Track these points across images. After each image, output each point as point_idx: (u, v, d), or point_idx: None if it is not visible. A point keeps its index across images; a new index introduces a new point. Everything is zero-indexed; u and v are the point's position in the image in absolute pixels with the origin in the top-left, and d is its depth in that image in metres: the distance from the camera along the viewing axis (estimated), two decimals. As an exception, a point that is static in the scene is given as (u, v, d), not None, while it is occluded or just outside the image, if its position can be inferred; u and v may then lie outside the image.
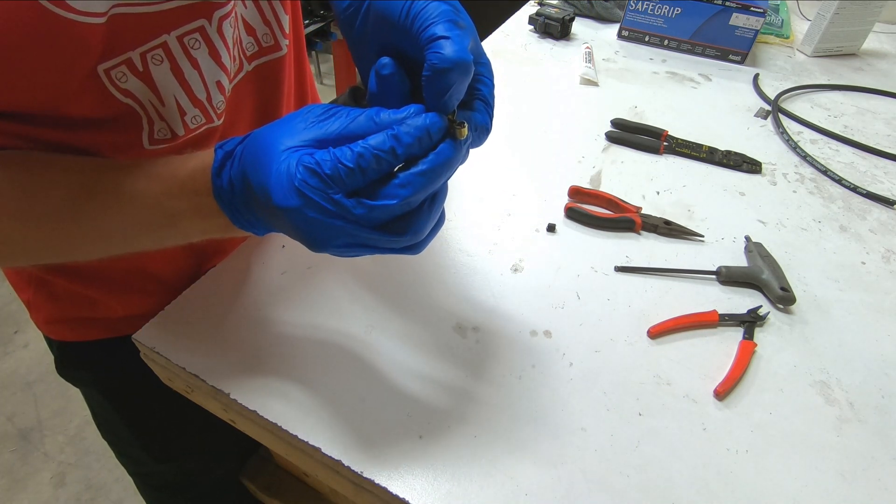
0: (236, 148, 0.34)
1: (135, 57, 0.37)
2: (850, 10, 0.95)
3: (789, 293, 0.52)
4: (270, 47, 0.48)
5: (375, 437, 0.41)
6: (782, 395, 0.46)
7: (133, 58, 0.37)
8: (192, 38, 0.39)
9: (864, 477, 0.41)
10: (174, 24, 0.38)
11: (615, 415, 0.43)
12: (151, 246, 0.38)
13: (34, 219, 0.36)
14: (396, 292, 0.52)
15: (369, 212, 0.29)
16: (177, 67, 0.40)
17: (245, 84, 0.48)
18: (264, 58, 0.48)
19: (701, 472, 0.40)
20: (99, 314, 0.53)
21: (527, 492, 0.39)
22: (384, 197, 0.29)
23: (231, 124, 0.48)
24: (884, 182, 0.71)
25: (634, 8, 0.97)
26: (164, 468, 0.65)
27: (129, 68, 0.37)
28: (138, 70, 0.38)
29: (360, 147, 0.28)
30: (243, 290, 0.51)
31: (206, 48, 0.40)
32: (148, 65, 0.38)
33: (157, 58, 0.38)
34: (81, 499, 1.31)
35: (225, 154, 0.34)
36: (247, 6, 0.45)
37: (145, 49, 0.37)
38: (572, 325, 0.50)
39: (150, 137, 0.41)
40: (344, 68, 2.13)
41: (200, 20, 0.39)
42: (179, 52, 0.39)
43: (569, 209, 0.61)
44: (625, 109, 0.80)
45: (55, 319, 0.55)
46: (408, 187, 0.29)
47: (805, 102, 0.87)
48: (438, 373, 0.45)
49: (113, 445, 0.66)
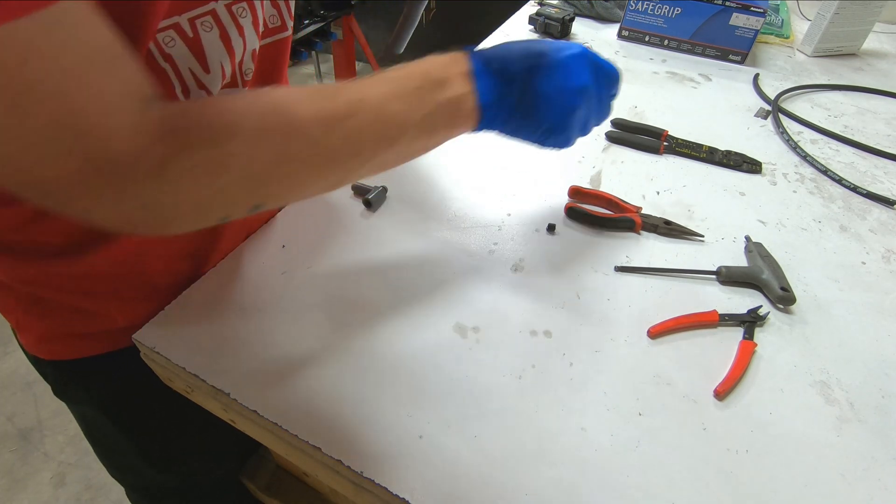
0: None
1: (183, 22, 0.37)
2: (850, 10, 0.95)
3: (789, 293, 0.52)
4: (277, 28, 0.49)
5: (375, 437, 0.41)
6: (782, 395, 0.46)
7: (181, 23, 0.37)
8: (240, 7, 0.40)
9: (864, 477, 0.41)
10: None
11: (615, 415, 0.43)
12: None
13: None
14: (396, 292, 0.52)
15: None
16: (225, 34, 0.40)
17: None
18: (271, 38, 0.49)
19: (701, 472, 0.40)
20: (97, 327, 0.52)
21: (527, 492, 0.39)
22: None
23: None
24: (884, 182, 0.71)
25: (634, 8, 0.97)
26: (163, 477, 0.64)
27: (178, 33, 0.37)
28: (188, 35, 0.38)
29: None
30: (243, 290, 0.51)
31: (250, 16, 0.41)
32: (198, 31, 0.38)
33: (206, 24, 0.38)
34: (81, 499, 1.31)
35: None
36: None
37: (194, 15, 0.37)
38: (572, 325, 0.50)
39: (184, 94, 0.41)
40: (344, 68, 2.13)
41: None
42: (228, 19, 0.39)
43: (569, 209, 0.61)
44: (625, 109, 0.80)
45: (49, 338, 0.52)
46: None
47: (805, 102, 0.87)
48: (438, 373, 0.45)
49: (108, 459, 0.64)
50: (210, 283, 0.52)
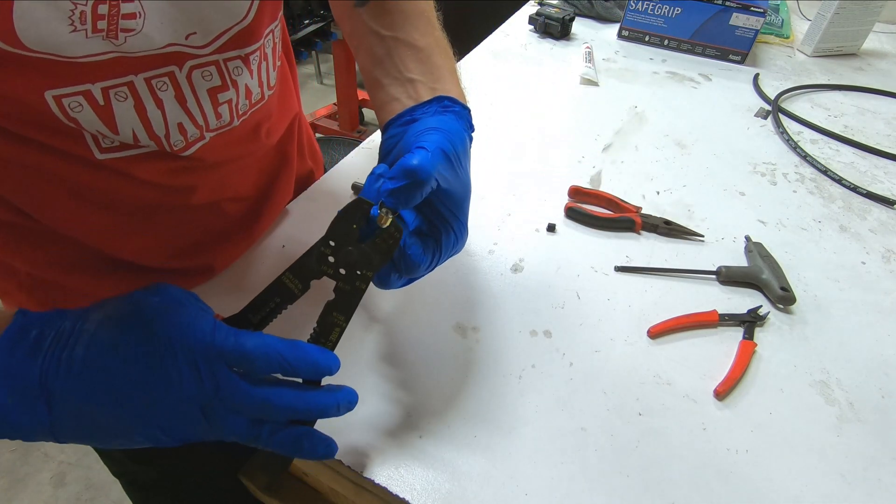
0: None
1: (95, 90, 0.35)
2: (850, 9, 0.95)
3: (789, 293, 0.52)
4: (258, 101, 0.48)
5: (375, 437, 0.41)
6: (782, 395, 0.46)
7: (93, 90, 0.35)
8: (161, 81, 0.38)
9: (864, 477, 0.41)
10: (143, 68, 0.37)
11: (615, 415, 0.43)
12: None
13: None
14: (396, 292, 0.52)
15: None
16: (140, 105, 0.38)
17: (232, 132, 0.47)
18: (252, 110, 0.48)
19: (701, 472, 0.40)
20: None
21: (527, 492, 0.39)
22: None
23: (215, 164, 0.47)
24: (884, 182, 0.71)
25: (634, 8, 0.97)
26: (157, 474, 0.64)
27: (87, 99, 0.35)
28: (98, 103, 0.36)
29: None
30: (243, 290, 0.51)
31: (172, 91, 0.39)
32: (110, 100, 0.36)
33: (121, 95, 0.37)
34: (81, 499, 1.31)
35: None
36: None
37: (108, 85, 0.36)
38: (572, 325, 0.50)
39: (98, 147, 0.39)
40: (344, 68, 2.13)
41: (171, 66, 0.38)
42: (146, 91, 0.38)
43: (569, 209, 0.61)
44: (625, 109, 0.80)
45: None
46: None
47: (805, 102, 0.87)
48: (438, 373, 0.45)
49: (107, 457, 0.64)
50: (210, 284, 0.52)
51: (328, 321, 0.35)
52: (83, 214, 0.44)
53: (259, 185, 0.55)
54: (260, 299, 0.35)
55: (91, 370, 0.29)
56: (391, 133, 0.41)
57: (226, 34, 0.39)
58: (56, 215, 0.43)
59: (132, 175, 0.42)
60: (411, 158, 0.34)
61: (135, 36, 0.34)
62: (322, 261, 0.35)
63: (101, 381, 0.29)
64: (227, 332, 0.31)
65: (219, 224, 0.52)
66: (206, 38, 0.38)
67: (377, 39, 0.45)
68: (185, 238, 0.50)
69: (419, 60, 0.44)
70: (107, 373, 0.30)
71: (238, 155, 0.50)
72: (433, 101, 0.41)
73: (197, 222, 0.50)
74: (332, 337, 0.36)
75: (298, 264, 0.35)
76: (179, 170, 0.45)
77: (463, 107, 0.42)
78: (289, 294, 0.35)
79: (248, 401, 0.31)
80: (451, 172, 0.37)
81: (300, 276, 0.35)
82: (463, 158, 0.38)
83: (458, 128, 0.39)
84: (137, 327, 0.31)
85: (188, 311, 0.32)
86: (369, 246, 0.35)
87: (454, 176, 0.37)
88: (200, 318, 0.32)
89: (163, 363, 0.30)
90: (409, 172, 0.34)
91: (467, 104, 0.43)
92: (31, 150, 0.38)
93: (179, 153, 0.43)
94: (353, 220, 0.34)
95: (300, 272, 0.35)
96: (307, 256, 0.35)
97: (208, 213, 0.50)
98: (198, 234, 0.51)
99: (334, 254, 0.35)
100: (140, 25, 0.34)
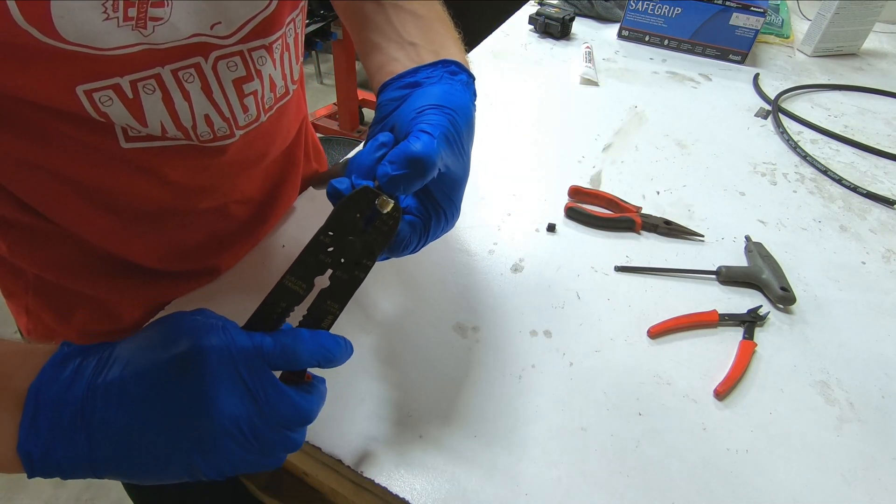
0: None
1: (124, 84, 0.36)
2: (850, 9, 0.95)
3: (789, 293, 0.52)
4: (282, 95, 0.48)
5: (375, 437, 0.41)
6: (782, 395, 0.46)
7: (122, 84, 0.35)
8: (187, 73, 0.38)
9: (864, 477, 0.41)
10: (170, 60, 0.37)
11: (615, 415, 0.43)
12: None
13: None
14: (396, 292, 0.52)
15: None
16: (168, 98, 0.38)
17: (260, 129, 0.47)
18: (277, 105, 0.48)
19: (701, 472, 0.40)
20: (109, 325, 0.52)
21: (527, 492, 0.39)
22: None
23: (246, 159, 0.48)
24: (884, 182, 0.71)
25: (634, 8, 0.97)
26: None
27: (117, 93, 0.36)
28: (127, 97, 0.36)
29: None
30: (243, 289, 0.51)
31: (198, 82, 0.39)
32: (139, 93, 0.36)
33: (149, 87, 0.37)
34: (81, 498, 1.31)
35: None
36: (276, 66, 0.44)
37: (136, 77, 0.36)
38: (572, 325, 0.50)
39: (125, 137, 0.40)
40: (344, 68, 2.13)
41: (197, 57, 0.38)
42: (173, 84, 0.38)
43: (569, 209, 0.61)
44: (625, 109, 0.80)
45: (58, 333, 0.52)
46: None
47: (805, 102, 0.87)
48: (438, 373, 0.45)
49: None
50: (210, 284, 0.52)
51: (322, 308, 0.34)
52: (91, 216, 0.44)
53: (266, 188, 0.55)
54: (265, 307, 0.34)
55: (128, 391, 0.28)
56: (391, 95, 0.38)
57: (249, 23, 0.39)
58: (65, 215, 0.43)
59: (154, 170, 0.42)
60: (415, 144, 0.32)
61: (162, 25, 0.34)
62: (321, 252, 0.34)
63: (139, 401, 0.28)
64: (262, 335, 0.32)
65: (225, 227, 0.52)
66: (230, 27, 0.38)
67: (375, 6, 0.43)
68: (192, 241, 0.50)
69: (420, 27, 0.42)
70: (143, 391, 0.28)
71: (260, 154, 0.49)
72: (438, 64, 0.39)
73: (204, 226, 0.50)
74: (324, 325, 0.35)
75: (299, 264, 0.34)
76: (201, 169, 0.45)
77: (470, 75, 0.40)
78: (294, 296, 0.34)
79: (293, 411, 0.32)
80: (453, 157, 0.35)
81: (302, 276, 0.34)
82: (466, 141, 0.37)
83: (466, 101, 0.37)
84: (173, 344, 0.30)
85: (227, 327, 0.31)
86: (371, 233, 0.34)
87: (455, 161, 0.36)
88: (240, 333, 0.31)
89: (203, 378, 0.29)
90: (411, 161, 0.32)
91: (472, 73, 0.41)
92: (44, 149, 0.38)
93: (206, 144, 0.42)
94: (357, 208, 0.33)
95: (302, 272, 0.34)
96: (307, 255, 0.34)
97: (215, 216, 0.51)
98: (204, 237, 0.51)
99: (334, 243, 0.34)
100: (168, 14, 0.34)
